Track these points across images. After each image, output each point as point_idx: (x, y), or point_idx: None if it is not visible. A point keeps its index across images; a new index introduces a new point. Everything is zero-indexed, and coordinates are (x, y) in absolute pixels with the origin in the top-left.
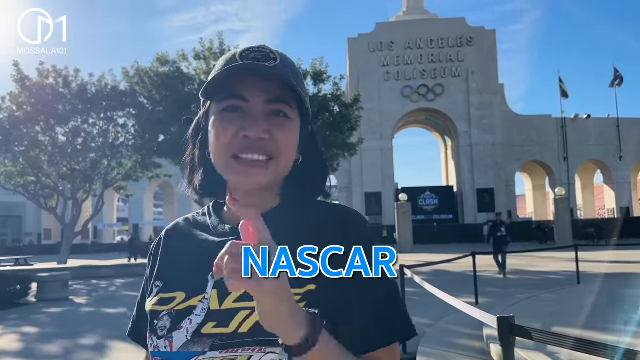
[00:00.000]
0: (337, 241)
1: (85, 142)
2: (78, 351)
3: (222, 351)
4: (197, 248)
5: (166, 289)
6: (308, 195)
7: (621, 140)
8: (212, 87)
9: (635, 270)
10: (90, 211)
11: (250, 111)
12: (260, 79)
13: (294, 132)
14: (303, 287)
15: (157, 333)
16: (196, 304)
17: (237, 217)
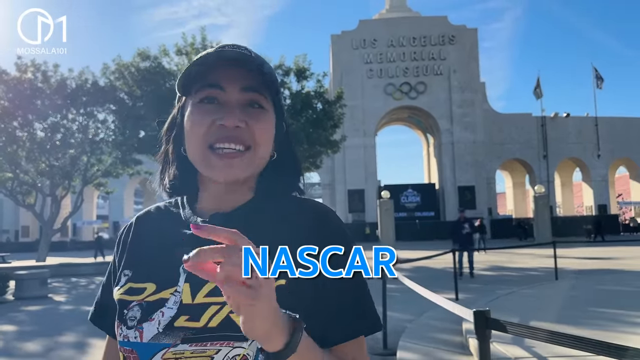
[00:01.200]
0: (313, 237)
1: (64, 138)
2: (58, 349)
3: (192, 344)
4: (169, 239)
5: (136, 278)
6: (282, 190)
7: (599, 139)
8: (187, 79)
9: (612, 266)
10: (69, 208)
11: (226, 101)
12: (236, 70)
13: (270, 124)
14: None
15: (127, 323)
16: (168, 296)
17: (210, 210)
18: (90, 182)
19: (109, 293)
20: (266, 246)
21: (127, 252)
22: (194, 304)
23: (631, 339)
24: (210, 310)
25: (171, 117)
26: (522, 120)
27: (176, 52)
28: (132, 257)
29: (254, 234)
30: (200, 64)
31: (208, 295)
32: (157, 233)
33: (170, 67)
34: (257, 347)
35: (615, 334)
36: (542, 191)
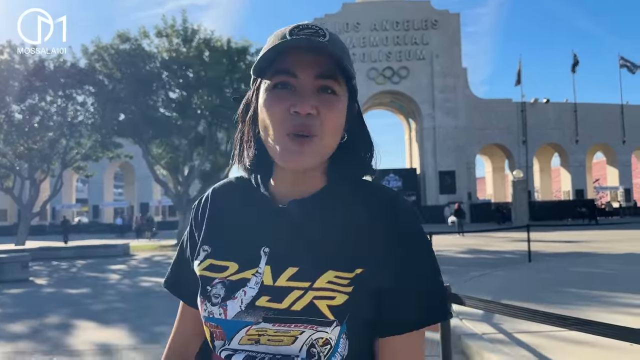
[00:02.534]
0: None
1: (42, 120)
2: (43, 331)
3: (274, 324)
4: (251, 219)
5: (217, 255)
6: (354, 174)
7: (578, 125)
8: (262, 63)
9: (585, 249)
10: (48, 191)
11: (299, 87)
12: (310, 55)
13: (342, 110)
14: (352, 271)
15: (212, 300)
16: (249, 276)
17: (284, 193)
18: (70, 165)
19: (183, 264)
20: None
21: (205, 227)
22: (275, 286)
23: (595, 315)
24: (294, 294)
25: (246, 98)
26: (502, 106)
27: (156, 34)
28: (211, 232)
29: (329, 220)
30: (273, 52)
31: (290, 280)
32: (237, 211)
33: (151, 50)
34: (339, 332)
35: (581, 310)
36: (520, 176)
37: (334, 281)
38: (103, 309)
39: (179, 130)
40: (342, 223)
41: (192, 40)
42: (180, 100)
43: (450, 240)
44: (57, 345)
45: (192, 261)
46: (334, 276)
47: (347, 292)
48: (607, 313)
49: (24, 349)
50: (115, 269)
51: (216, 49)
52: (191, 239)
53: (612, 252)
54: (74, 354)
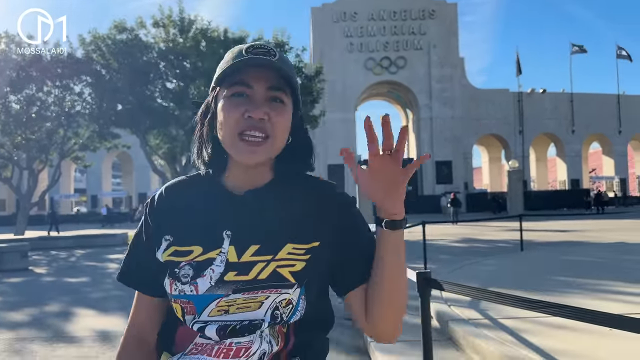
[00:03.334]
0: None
1: (40, 110)
2: (44, 318)
3: (243, 293)
4: (210, 208)
5: (180, 242)
6: (298, 170)
7: (574, 115)
8: (223, 76)
9: (578, 238)
10: (47, 182)
11: (253, 96)
12: (262, 70)
13: (288, 117)
14: (309, 243)
15: (181, 280)
16: (214, 256)
17: (237, 185)
18: (67, 155)
19: (138, 257)
20: None
21: (164, 219)
22: (240, 262)
23: (578, 301)
24: (258, 267)
25: (206, 102)
26: (499, 96)
27: (153, 24)
28: (171, 223)
29: (283, 206)
30: (232, 68)
31: (254, 255)
32: (196, 202)
33: (147, 40)
34: (299, 293)
35: (564, 296)
36: (516, 166)
37: (292, 252)
38: (102, 297)
39: (176, 121)
40: (294, 206)
41: (189, 31)
42: (177, 90)
43: (445, 229)
44: (57, 332)
45: (152, 252)
46: (292, 248)
47: (305, 259)
48: (591, 299)
49: (25, 336)
50: (113, 258)
51: (213, 39)
52: (147, 232)
53: (603, 242)
54: (74, 341)
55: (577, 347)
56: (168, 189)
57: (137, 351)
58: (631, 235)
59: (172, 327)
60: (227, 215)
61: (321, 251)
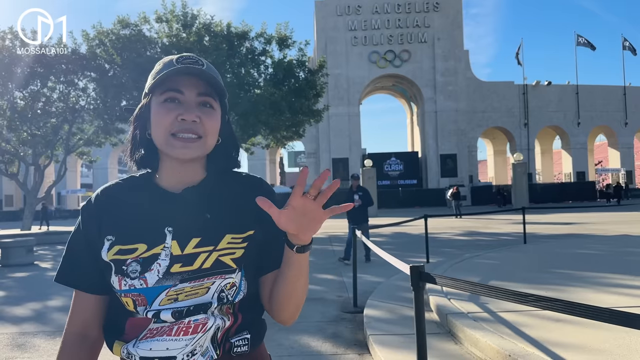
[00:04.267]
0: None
1: (45, 106)
2: (47, 313)
3: (190, 282)
4: (149, 207)
5: (124, 241)
6: (227, 167)
7: (579, 107)
8: (156, 84)
9: (582, 231)
10: (53, 177)
11: (185, 101)
12: (192, 78)
13: (217, 120)
14: (245, 232)
15: (130, 275)
16: (159, 251)
17: (171, 184)
18: (73, 151)
19: (77, 258)
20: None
21: (104, 220)
22: (184, 254)
23: (578, 293)
24: (202, 257)
25: (139, 107)
26: (504, 89)
27: (156, 20)
28: (111, 224)
29: (218, 201)
30: (165, 75)
31: (196, 247)
32: (133, 203)
33: (151, 35)
34: (241, 276)
35: (564, 289)
36: (520, 159)
37: (232, 242)
38: None
39: None
40: (228, 199)
41: (192, 25)
42: None
43: (449, 222)
44: (60, 326)
45: (92, 252)
46: (231, 238)
47: (243, 247)
48: (592, 292)
49: (28, 331)
50: None
51: (216, 34)
52: (86, 234)
53: (606, 234)
54: None
55: (577, 340)
56: (104, 191)
57: (79, 347)
58: (636, 228)
59: (119, 318)
60: (167, 212)
61: (255, 237)
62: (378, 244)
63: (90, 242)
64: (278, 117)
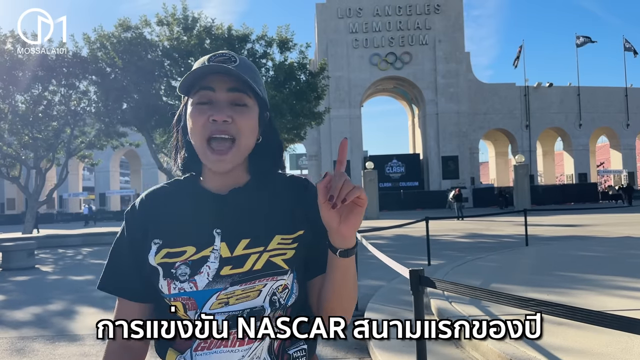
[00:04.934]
0: (302, 202)
1: (46, 110)
2: (47, 317)
3: (241, 284)
4: (195, 209)
5: (171, 244)
6: (270, 169)
7: (581, 108)
8: (185, 84)
9: (584, 233)
10: (55, 180)
11: (216, 101)
12: (222, 76)
13: (252, 117)
14: (295, 232)
15: (179, 279)
16: (208, 254)
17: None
18: (74, 154)
19: (122, 265)
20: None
21: (150, 224)
22: (233, 256)
23: (580, 295)
24: (252, 258)
25: (179, 111)
26: (505, 90)
27: (157, 23)
28: (158, 228)
29: (265, 202)
30: (194, 74)
31: (246, 248)
32: (179, 206)
33: (152, 38)
34: (292, 278)
35: (566, 292)
36: (522, 160)
37: (282, 242)
38: (105, 295)
39: None
40: (275, 201)
41: (193, 28)
42: None
43: (451, 224)
44: (59, 330)
45: (138, 258)
46: (281, 238)
47: (294, 247)
48: (596, 295)
49: (27, 335)
50: None
51: (217, 37)
52: (132, 239)
53: (608, 236)
54: (75, 339)
55: (579, 344)
56: (149, 195)
57: (122, 358)
58: (638, 230)
59: (168, 327)
60: (215, 214)
61: (305, 238)
62: (379, 247)
63: (134, 248)
64: (279, 120)
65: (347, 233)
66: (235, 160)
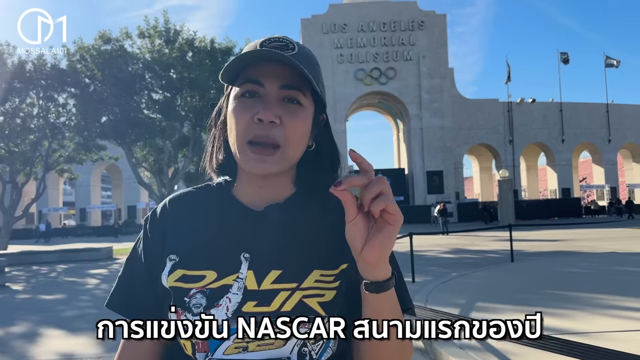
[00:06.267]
0: None
1: (24, 122)
2: (7, 340)
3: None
4: (223, 225)
5: (188, 265)
6: (320, 182)
7: (563, 124)
8: (231, 71)
9: (569, 248)
10: (33, 195)
11: (265, 96)
12: (277, 67)
13: (306, 119)
14: (337, 267)
15: (192, 310)
16: (231, 283)
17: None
18: (53, 168)
19: (136, 281)
20: None
21: (169, 236)
22: (260, 290)
23: (568, 315)
24: (282, 296)
25: (219, 103)
26: (489, 106)
27: (138, 35)
28: (177, 241)
29: (308, 224)
30: (243, 60)
31: (275, 282)
32: (205, 218)
33: (133, 50)
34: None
35: (558, 313)
36: (506, 175)
37: (320, 279)
38: (74, 316)
39: (163, 132)
40: (320, 224)
41: (175, 41)
42: (164, 101)
43: (435, 240)
44: (19, 356)
45: (153, 275)
46: (320, 275)
47: (335, 287)
48: (585, 314)
49: None
50: (95, 273)
51: (199, 49)
52: (148, 252)
53: (594, 251)
54: None
55: None
56: (173, 201)
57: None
58: (623, 245)
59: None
60: (245, 234)
61: (349, 273)
62: None
63: (150, 262)
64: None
65: (370, 258)
66: (277, 168)
